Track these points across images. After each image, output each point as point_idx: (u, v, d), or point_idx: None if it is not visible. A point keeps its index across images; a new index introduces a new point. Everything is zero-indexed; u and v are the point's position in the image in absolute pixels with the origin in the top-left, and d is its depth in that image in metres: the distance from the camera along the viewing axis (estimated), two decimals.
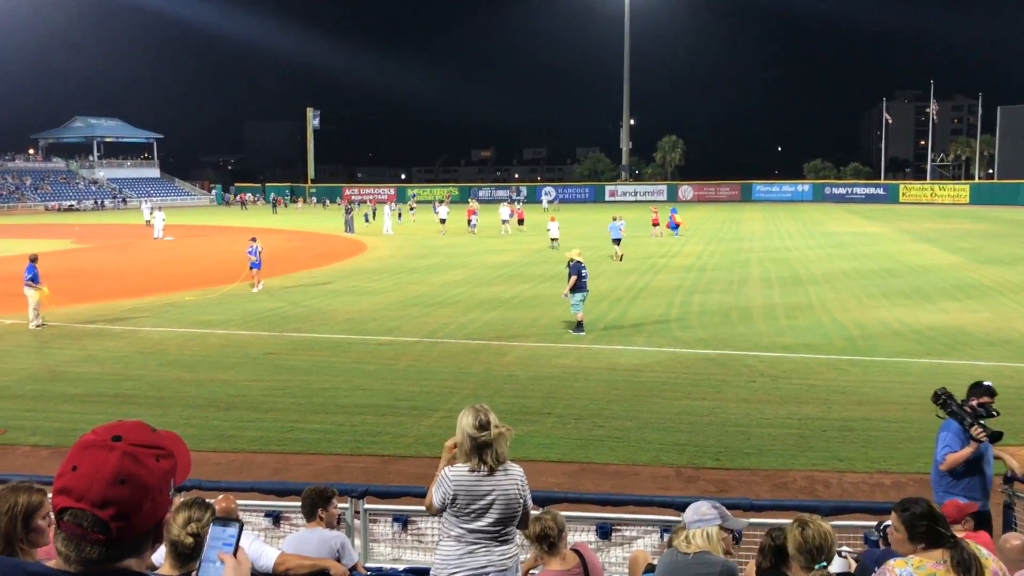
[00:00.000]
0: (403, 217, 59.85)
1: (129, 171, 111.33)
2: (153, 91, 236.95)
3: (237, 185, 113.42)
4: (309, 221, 65.43)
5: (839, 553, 5.06)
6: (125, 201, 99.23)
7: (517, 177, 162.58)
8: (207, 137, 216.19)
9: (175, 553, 4.31)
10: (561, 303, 20.86)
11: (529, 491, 5.08)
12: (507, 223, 50.58)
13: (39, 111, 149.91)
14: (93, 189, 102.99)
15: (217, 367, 16.37)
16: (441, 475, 4.90)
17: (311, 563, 5.57)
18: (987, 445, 6.90)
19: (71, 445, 1.90)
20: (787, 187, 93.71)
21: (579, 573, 5.04)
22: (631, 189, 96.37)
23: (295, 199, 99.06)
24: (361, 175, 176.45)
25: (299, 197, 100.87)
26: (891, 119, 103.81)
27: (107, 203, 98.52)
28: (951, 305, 22.62)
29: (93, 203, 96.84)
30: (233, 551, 2.02)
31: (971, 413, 6.84)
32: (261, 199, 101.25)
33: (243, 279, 26.93)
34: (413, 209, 65.74)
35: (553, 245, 39.30)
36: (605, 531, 6.84)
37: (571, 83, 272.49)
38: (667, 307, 22.85)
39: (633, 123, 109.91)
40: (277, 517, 7.23)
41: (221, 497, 6.07)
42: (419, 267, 32.88)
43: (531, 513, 5.14)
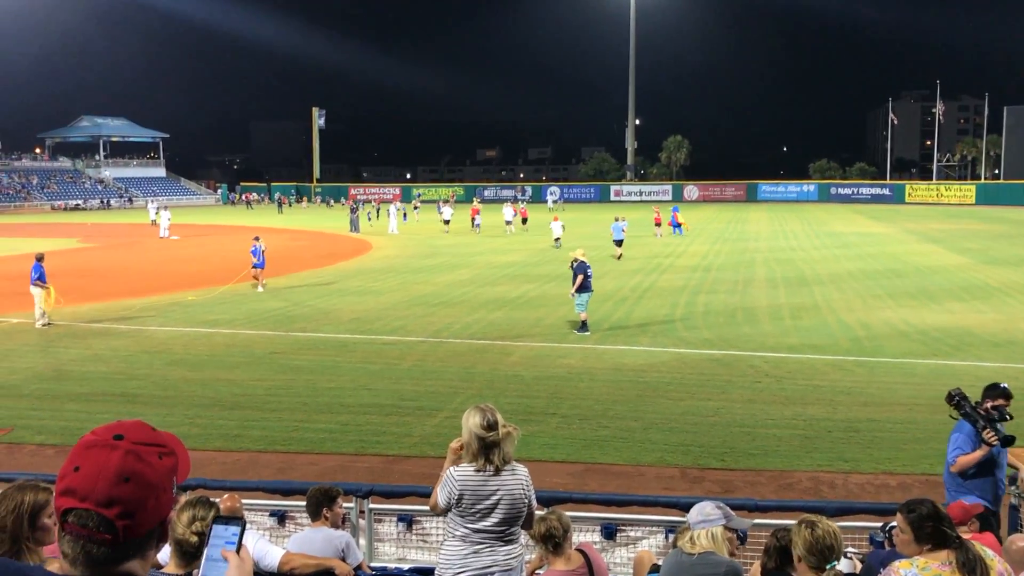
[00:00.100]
0: (408, 217, 59.94)
1: (135, 170, 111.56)
2: (159, 91, 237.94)
3: (243, 185, 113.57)
4: (314, 221, 65.49)
5: (845, 554, 5.05)
6: (131, 200, 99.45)
7: (522, 177, 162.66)
8: (213, 137, 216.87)
9: (180, 552, 4.33)
10: (565, 303, 20.86)
11: (534, 491, 5.08)
12: (511, 223, 50.64)
13: (46, 110, 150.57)
14: (99, 188, 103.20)
15: (222, 366, 16.39)
16: (446, 475, 4.89)
17: (316, 562, 5.58)
18: (1000, 448, 6.84)
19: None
20: (792, 187, 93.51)
21: (584, 573, 5.04)
22: (636, 189, 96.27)
23: (299, 199, 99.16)
24: (366, 175, 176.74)
25: (303, 197, 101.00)
26: (897, 119, 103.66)
27: (113, 202, 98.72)
28: (957, 306, 22.56)
29: (99, 202, 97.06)
30: (236, 549, 2.01)
31: (984, 416, 6.77)
32: (266, 199, 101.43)
33: (240, 279, 26.93)
34: (417, 208, 65.83)
35: (556, 244, 39.35)
36: (610, 531, 6.84)
37: (576, 83, 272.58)
38: (672, 307, 22.82)
39: (638, 123, 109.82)
40: (282, 516, 7.24)
41: (226, 496, 6.07)
42: (424, 267, 32.89)
43: (536, 513, 5.14)
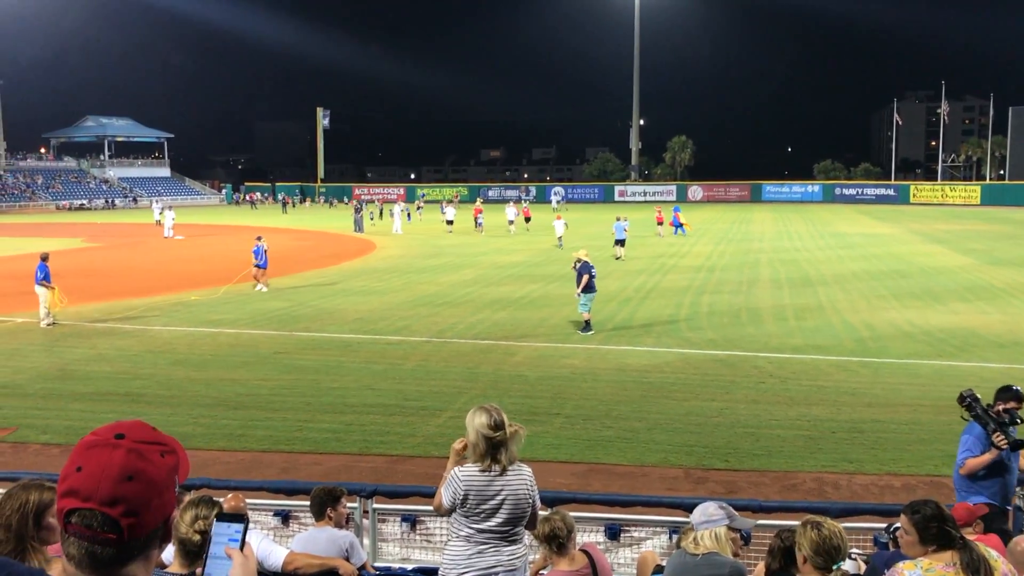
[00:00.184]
0: (412, 217, 60.03)
1: (140, 170, 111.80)
2: (164, 91, 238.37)
3: (247, 184, 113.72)
4: (318, 220, 65.56)
5: (849, 555, 5.05)
6: (136, 200, 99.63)
7: (526, 177, 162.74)
8: (217, 136, 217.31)
9: (184, 551, 4.34)
10: (569, 303, 20.85)
11: (538, 491, 5.08)
12: (513, 223, 50.82)
13: (51, 111, 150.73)
14: (104, 188, 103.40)
15: (226, 366, 16.41)
16: (451, 475, 4.89)
17: (320, 562, 5.58)
18: (1009, 451, 6.80)
19: None
20: (797, 188, 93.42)
21: (588, 574, 5.04)
22: (640, 189, 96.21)
23: (303, 199, 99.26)
24: (371, 175, 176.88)
25: (307, 197, 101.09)
26: (902, 120, 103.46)
27: (118, 202, 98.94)
28: (962, 307, 22.52)
29: (104, 202, 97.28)
30: (239, 546, 2.00)
31: (995, 418, 6.72)
32: (270, 199, 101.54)
33: (240, 279, 26.93)
34: (420, 208, 65.91)
35: (558, 244, 39.37)
36: (614, 532, 6.83)
37: (581, 83, 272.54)
38: (676, 308, 22.81)
39: (643, 123, 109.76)
40: (286, 516, 7.25)
41: (230, 496, 6.09)
42: (428, 267, 32.91)
43: (540, 514, 5.14)
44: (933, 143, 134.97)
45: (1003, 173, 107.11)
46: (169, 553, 4.44)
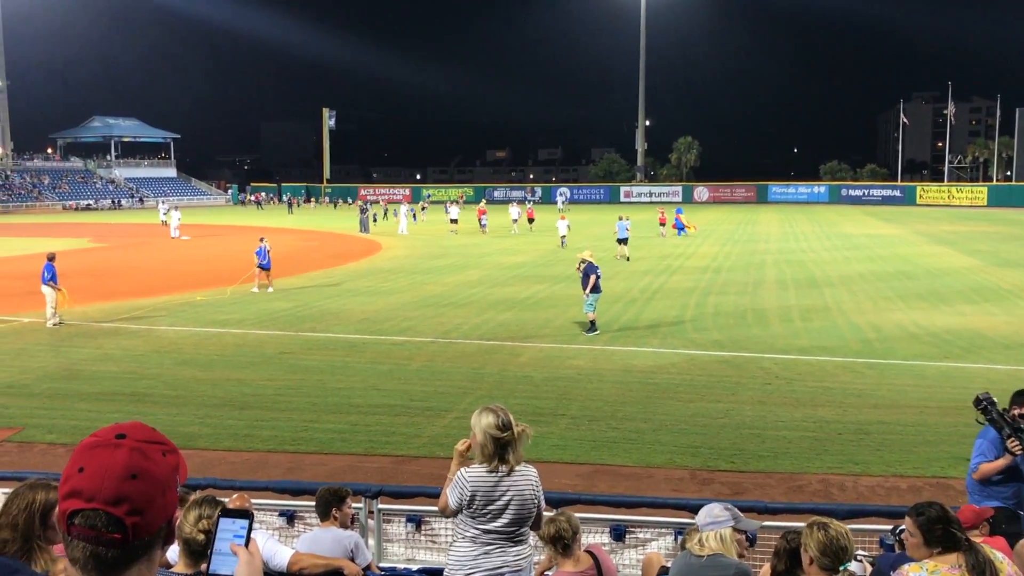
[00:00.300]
0: (417, 217, 60.12)
1: (146, 171, 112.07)
2: (170, 91, 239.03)
3: (253, 185, 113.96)
4: (324, 221, 65.64)
5: (855, 557, 5.03)
6: (142, 201, 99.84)
7: (532, 178, 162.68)
8: (224, 137, 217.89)
9: (188, 551, 4.34)
10: (575, 304, 20.86)
11: (543, 492, 5.08)
12: (516, 222, 51.05)
13: (57, 111, 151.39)
14: (110, 188, 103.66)
15: (232, 366, 16.43)
16: (457, 476, 4.89)
17: (325, 562, 5.59)
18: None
19: None
20: (803, 188, 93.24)
21: (593, 575, 5.03)
22: (646, 190, 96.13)
23: (308, 199, 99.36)
24: (376, 175, 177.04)
25: (311, 197, 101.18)
26: (908, 121, 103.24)
27: (124, 202, 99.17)
28: (968, 308, 22.45)
29: (110, 202, 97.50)
30: (244, 543, 2.00)
31: (1010, 423, 6.63)
32: (276, 199, 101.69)
33: (244, 280, 26.95)
34: (425, 209, 65.99)
35: (562, 244, 39.40)
36: (619, 533, 6.82)
37: (586, 84, 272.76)
38: (682, 308, 22.78)
39: (649, 124, 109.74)
40: (291, 516, 7.25)
41: (235, 496, 6.09)
42: (434, 267, 32.93)
43: (545, 514, 5.14)
44: (940, 144, 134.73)
45: (1010, 174, 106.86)
46: (173, 553, 4.45)
